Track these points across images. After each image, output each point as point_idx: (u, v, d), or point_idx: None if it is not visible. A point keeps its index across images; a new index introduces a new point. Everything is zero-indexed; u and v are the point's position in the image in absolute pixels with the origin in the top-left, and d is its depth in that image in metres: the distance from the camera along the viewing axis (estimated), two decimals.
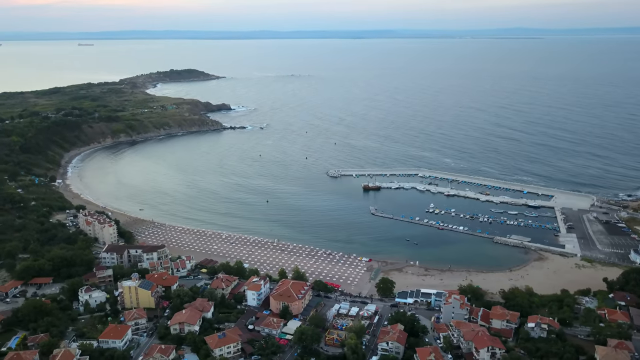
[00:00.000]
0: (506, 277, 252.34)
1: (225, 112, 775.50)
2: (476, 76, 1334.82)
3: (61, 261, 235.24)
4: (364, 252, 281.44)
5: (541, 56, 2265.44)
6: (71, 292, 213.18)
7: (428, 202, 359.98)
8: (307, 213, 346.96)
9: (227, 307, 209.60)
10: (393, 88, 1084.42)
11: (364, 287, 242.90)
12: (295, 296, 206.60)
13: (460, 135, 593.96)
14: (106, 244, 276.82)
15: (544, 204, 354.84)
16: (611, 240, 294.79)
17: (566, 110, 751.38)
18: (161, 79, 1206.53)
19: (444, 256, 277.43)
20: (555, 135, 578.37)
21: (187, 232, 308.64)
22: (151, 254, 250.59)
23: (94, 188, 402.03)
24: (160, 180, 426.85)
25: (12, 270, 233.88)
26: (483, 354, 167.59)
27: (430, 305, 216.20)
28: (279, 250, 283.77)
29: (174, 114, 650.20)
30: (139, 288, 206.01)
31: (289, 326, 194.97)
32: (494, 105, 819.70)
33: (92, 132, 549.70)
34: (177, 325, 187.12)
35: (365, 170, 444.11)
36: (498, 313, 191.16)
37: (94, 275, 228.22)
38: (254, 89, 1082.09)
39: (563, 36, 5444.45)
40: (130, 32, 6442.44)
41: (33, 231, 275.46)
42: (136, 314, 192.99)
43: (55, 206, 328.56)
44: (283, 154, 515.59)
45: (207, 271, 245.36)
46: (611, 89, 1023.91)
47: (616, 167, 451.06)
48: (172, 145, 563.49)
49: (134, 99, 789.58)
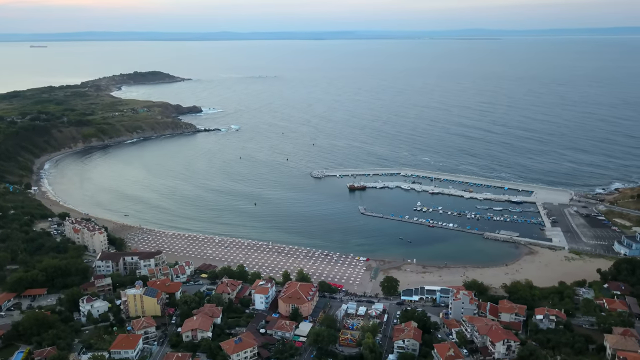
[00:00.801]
0: (502, 271, 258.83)
1: (196, 114, 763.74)
2: (437, 76, 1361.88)
3: (55, 271, 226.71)
4: (360, 251, 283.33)
5: (500, 56, 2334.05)
6: (71, 302, 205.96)
7: (414, 201, 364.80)
8: (297, 214, 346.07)
9: (234, 311, 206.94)
10: (357, 89, 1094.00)
11: (366, 286, 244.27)
12: (304, 298, 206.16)
13: (428, 134, 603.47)
14: (96, 251, 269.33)
15: (526, 200, 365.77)
16: (594, 232, 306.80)
17: (528, 110, 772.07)
18: (125, 82, 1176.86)
19: (438, 253, 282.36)
20: (520, 134, 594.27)
21: (179, 237, 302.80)
22: (148, 261, 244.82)
23: (72, 194, 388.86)
24: (140, 185, 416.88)
25: (3, 282, 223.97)
26: (499, 347, 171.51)
27: (436, 302, 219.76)
28: (276, 252, 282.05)
29: (146, 117, 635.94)
30: (144, 296, 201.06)
31: (301, 328, 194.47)
32: (456, 105, 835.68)
33: (62, 137, 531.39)
34: (190, 332, 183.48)
35: (348, 170, 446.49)
36: (506, 307, 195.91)
37: (92, 285, 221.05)
38: (222, 91, 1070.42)
39: (520, 37, 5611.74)
40: (85, 34, 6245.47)
41: (18, 241, 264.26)
42: (145, 323, 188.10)
43: (37, 214, 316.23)
44: (262, 155, 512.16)
45: (208, 276, 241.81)
46: (568, 88, 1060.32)
47: (584, 164, 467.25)
48: (147, 149, 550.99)
49: (101, 102, 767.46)
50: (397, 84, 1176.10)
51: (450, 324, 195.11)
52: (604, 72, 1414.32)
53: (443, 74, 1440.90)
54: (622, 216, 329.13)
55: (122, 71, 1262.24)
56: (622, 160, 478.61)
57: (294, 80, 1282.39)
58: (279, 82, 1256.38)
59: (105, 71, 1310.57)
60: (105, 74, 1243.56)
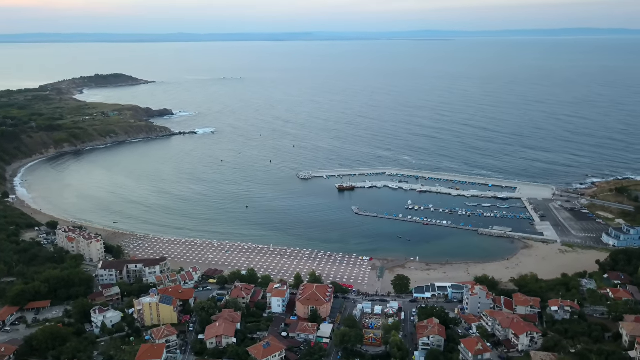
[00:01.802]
0: (503, 266, 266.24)
1: (168, 117, 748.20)
2: (402, 76, 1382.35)
3: (58, 282, 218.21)
4: (361, 251, 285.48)
5: (455, 57, 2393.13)
6: (81, 314, 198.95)
7: (405, 200, 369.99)
8: (291, 216, 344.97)
9: (252, 316, 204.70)
10: (327, 90, 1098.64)
11: (374, 285, 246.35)
12: (323, 299, 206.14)
13: (397, 135, 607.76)
14: (93, 260, 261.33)
15: (511, 196, 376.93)
16: (580, 225, 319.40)
17: (488, 110, 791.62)
18: (86, 85, 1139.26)
19: (438, 250, 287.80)
20: (484, 134, 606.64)
21: (176, 243, 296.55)
22: (153, 268, 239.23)
23: (53, 202, 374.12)
24: (124, 190, 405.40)
25: (3, 296, 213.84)
26: (523, 339, 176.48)
27: (448, 298, 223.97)
28: (279, 255, 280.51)
29: (118, 120, 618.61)
30: (160, 304, 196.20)
31: (322, 330, 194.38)
32: (419, 105, 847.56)
33: (32, 143, 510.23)
34: (214, 339, 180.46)
35: (334, 171, 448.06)
36: (521, 300, 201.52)
37: (100, 295, 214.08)
38: (190, 93, 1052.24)
39: (471, 38, 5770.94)
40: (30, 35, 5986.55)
41: (10, 252, 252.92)
42: (166, 331, 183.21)
43: (22, 224, 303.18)
44: (244, 158, 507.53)
45: (217, 281, 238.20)
46: (524, 88, 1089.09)
47: (553, 161, 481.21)
48: (124, 154, 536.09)
49: (67, 106, 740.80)
50: (358, 85, 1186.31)
51: (469, 319, 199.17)
52: (557, 73, 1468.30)
53: (400, 73, 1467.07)
54: (604, 209, 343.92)
55: (82, 74, 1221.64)
56: (589, 156, 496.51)
57: (259, 82, 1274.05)
58: (245, 83, 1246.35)
59: (63, 74, 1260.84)
60: (63, 77, 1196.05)
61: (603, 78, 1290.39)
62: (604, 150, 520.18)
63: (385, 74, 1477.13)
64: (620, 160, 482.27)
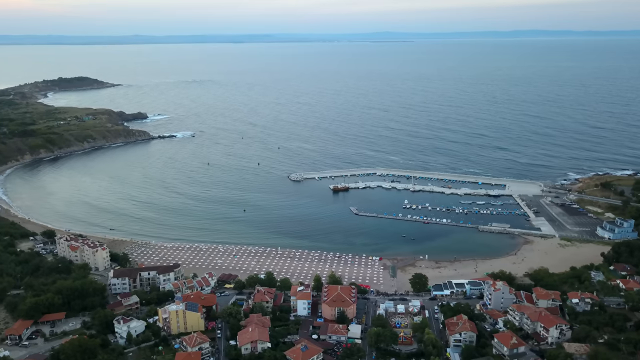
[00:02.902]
0: (509, 261, 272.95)
1: (142, 121, 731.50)
2: (366, 77, 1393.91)
3: (71, 293, 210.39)
4: (369, 251, 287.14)
5: (417, 57, 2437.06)
6: (103, 324, 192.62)
7: (400, 199, 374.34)
8: (291, 218, 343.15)
9: (278, 319, 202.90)
10: (293, 91, 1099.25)
11: (389, 284, 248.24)
12: (349, 300, 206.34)
13: (379, 135, 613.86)
14: (99, 269, 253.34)
15: (502, 193, 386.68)
16: (573, 220, 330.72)
17: (461, 109, 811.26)
18: (50, 88, 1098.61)
19: (443, 248, 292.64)
20: (466, 132, 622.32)
21: (181, 249, 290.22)
22: (167, 275, 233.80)
23: (40, 211, 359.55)
24: (112, 196, 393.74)
25: (15, 309, 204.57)
26: (553, 331, 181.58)
27: (466, 294, 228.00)
28: (288, 258, 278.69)
29: (94, 125, 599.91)
30: (187, 311, 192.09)
31: (352, 331, 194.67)
32: (395, 105, 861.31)
33: (6, 149, 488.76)
34: (249, 344, 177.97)
35: (325, 172, 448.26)
36: (542, 293, 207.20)
37: (119, 304, 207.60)
38: (160, 96, 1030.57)
39: (429, 39, 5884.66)
40: None
41: (11, 263, 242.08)
42: (198, 339, 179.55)
43: (16, 234, 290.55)
44: (231, 161, 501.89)
45: (234, 286, 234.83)
46: (492, 87, 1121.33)
47: (532, 157, 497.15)
48: (104, 159, 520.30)
49: (35, 110, 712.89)
50: (332, 85, 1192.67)
51: (493, 314, 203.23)
52: (518, 72, 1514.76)
53: (370, 75, 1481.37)
54: (593, 204, 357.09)
55: (43, 77, 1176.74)
56: (562, 154, 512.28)
57: (229, 84, 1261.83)
58: (214, 86, 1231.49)
59: (23, 78, 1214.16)
60: (23, 80, 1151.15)
61: (559, 77, 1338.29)
62: (574, 148, 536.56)
63: (353, 75, 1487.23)
64: (593, 157, 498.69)
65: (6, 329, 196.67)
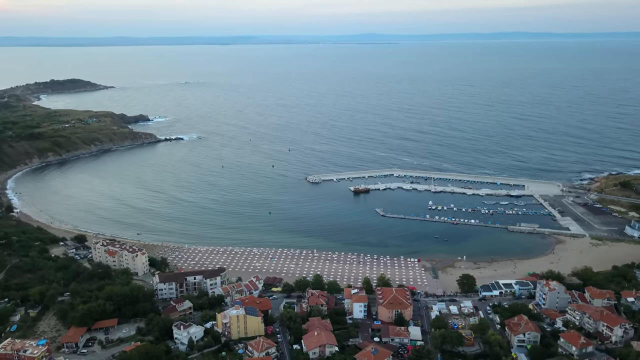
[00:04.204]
0: (546, 261, 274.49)
1: (145, 123, 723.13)
2: (355, 80, 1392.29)
3: (122, 299, 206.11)
4: (405, 253, 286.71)
5: (406, 59, 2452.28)
6: (161, 331, 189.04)
7: (423, 200, 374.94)
8: (317, 221, 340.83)
9: (336, 323, 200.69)
10: (293, 93, 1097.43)
11: (433, 286, 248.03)
12: (406, 302, 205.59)
13: (380, 136, 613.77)
14: (139, 274, 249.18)
15: (523, 193, 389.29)
16: (599, 219, 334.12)
17: (460, 109, 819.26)
18: (42, 91, 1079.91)
19: (478, 248, 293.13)
20: (472, 133, 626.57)
21: (215, 252, 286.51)
22: (214, 279, 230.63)
23: (60, 215, 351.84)
24: (132, 200, 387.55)
25: (65, 316, 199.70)
26: (617, 331, 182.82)
27: (515, 294, 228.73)
28: (326, 260, 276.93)
29: (100, 128, 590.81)
30: (247, 316, 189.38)
31: (413, 333, 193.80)
32: (385, 107, 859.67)
33: (14, 153, 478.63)
34: (317, 348, 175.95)
35: (343, 174, 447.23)
36: (596, 292, 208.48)
37: (174, 310, 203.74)
38: (156, 98, 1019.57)
39: (414, 41, 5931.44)
40: None
41: (51, 269, 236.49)
42: (265, 344, 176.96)
43: (46, 239, 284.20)
44: (244, 163, 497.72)
45: (282, 289, 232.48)
46: (479, 89, 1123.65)
47: (542, 158, 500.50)
48: (114, 162, 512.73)
49: (34, 113, 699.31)
50: (323, 88, 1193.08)
51: (549, 314, 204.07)
52: (508, 74, 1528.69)
53: (358, 76, 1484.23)
54: (614, 203, 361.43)
55: (33, 80, 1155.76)
56: (568, 153, 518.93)
57: (224, 86, 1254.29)
58: (209, 87, 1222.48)
59: (11, 80, 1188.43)
60: (14, 82, 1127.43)
61: (550, 79, 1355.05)
62: (577, 148, 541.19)
63: (343, 77, 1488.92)
64: (598, 157, 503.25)
65: (59, 336, 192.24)
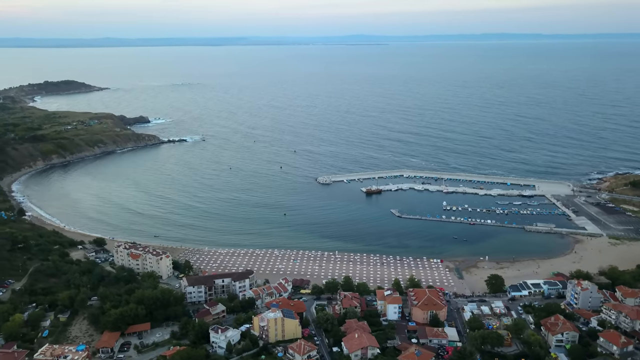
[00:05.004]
0: (569, 260, 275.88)
1: (145, 124, 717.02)
2: (349, 81, 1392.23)
3: (153, 303, 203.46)
4: (427, 253, 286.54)
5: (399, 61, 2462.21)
6: (198, 335, 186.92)
7: (436, 201, 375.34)
8: (333, 222, 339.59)
9: (372, 324, 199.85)
10: (292, 94, 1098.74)
11: (460, 286, 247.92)
12: (440, 303, 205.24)
13: (380, 137, 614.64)
14: (163, 277, 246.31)
15: (535, 193, 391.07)
16: (614, 219, 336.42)
17: (457, 111, 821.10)
18: (36, 92, 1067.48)
19: (498, 248, 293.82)
20: (473, 134, 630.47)
21: (237, 254, 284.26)
22: (243, 282, 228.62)
23: (72, 218, 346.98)
24: (141, 203, 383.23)
25: (98, 321, 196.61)
26: None
27: (544, 294, 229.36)
28: (350, 262, 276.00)
29: (103, 129, 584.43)
30: (285, 319, 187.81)
31: (450, 334, 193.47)
32: (395, 107, 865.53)
33: (18, 155, 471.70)
34: (359, 351, 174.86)
35: (353, 175, 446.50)
36: (628, 292, 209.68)
37: (207, 313, 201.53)
38: (154, 100, 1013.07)
39: (403, 43, 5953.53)
40: None
41: (76, 273, 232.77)
42: (307, 347, 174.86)
43: (65, 242, 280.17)
44: (251, 164, 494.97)
45: (312, 291, 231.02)
46: (472, 90, 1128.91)
47: (547, 158, 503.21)
48: (119, 164, 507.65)
49: (33, 115, 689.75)
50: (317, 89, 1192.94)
51: (583, 314, 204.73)
52: (502, 75, 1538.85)
53: (355, 78, 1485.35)
54: (627, 202, 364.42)
55: (29, 81, 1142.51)
56: (572, 153, 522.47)
57: (220, 87, 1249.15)
58: (206, 89, 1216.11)
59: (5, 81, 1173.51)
60: (6, 84, 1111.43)
61: (543, 79, 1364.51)
62: (582, 148, 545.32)
63: (338, 78, 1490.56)
64: (602, 157, 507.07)
65: (93, 341, 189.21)
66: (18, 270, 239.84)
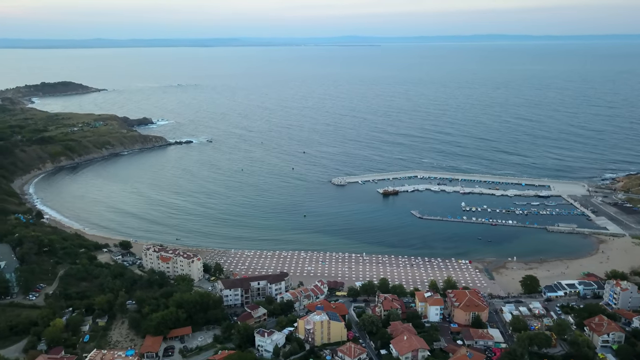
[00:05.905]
0: (596, 260, 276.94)
1: (148, 126, 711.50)
2: (343, 81, 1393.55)
3: (193, 306, 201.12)
4: (454, 255, 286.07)
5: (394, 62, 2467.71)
6: (243, 338, 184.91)
7: (454, 201, 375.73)
8: (354, 223, 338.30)
9: (415, 327, 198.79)
10: (291, 94, 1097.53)
11: (492, 287, 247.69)
12: (482, 305, 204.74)
13: (383, 138, 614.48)
14: (194, 280, 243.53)
15: (551, 194, 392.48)
16: (633, 218, 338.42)
17: (455, 111, 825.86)
18: (33, 93, 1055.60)
19: (523, 249, 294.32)
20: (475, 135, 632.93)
21: (265, 257, 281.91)
22: (279, 284, 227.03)
23: (90, 221, 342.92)
24: (158, 204, 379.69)
25: (139, 325, 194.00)
26: None
27: (580, 294, 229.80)
28: (379, 263, 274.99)
29: (109, 131, 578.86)
30: (331, 321, 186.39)
31: (494, 335, 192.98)
32: (397, 107, 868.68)
33: (27, 158, 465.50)
34: (409, 353, 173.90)
35: (367, 176, 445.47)
36: None
37: (249, 316, 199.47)
38: (153, 101, 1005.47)
39: (396, 44, 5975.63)
40: None
41: (108, 277, 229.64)
42: (357, 350, 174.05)
43: (90, 246, 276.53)
44: (261, 166, 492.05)
45: (348, 293, 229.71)
46: (471, 91, 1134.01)
47: (554, 159, 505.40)
48: (128, 165, 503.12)
49: (34, 116, 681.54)
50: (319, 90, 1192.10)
51: (624, 314, 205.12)
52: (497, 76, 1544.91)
53: (351, 79, 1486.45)
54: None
55: (25, 82, 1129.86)
56: (576, 154, 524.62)
57: (218, 88, 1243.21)
58: (204, 90, 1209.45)
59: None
60: (2, 85, 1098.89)
61: (538, 81, 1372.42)
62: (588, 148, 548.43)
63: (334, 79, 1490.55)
64: (605, 158, 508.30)
65: (134, 346, 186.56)
66: (48, 274, 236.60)
